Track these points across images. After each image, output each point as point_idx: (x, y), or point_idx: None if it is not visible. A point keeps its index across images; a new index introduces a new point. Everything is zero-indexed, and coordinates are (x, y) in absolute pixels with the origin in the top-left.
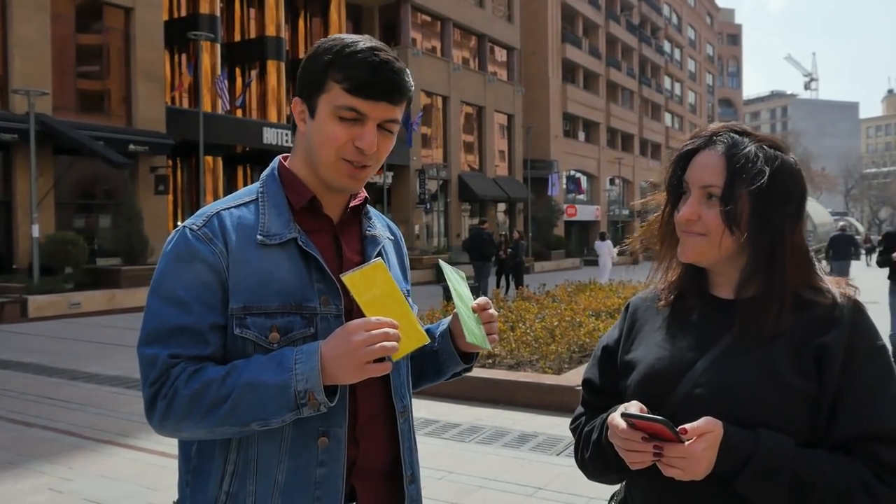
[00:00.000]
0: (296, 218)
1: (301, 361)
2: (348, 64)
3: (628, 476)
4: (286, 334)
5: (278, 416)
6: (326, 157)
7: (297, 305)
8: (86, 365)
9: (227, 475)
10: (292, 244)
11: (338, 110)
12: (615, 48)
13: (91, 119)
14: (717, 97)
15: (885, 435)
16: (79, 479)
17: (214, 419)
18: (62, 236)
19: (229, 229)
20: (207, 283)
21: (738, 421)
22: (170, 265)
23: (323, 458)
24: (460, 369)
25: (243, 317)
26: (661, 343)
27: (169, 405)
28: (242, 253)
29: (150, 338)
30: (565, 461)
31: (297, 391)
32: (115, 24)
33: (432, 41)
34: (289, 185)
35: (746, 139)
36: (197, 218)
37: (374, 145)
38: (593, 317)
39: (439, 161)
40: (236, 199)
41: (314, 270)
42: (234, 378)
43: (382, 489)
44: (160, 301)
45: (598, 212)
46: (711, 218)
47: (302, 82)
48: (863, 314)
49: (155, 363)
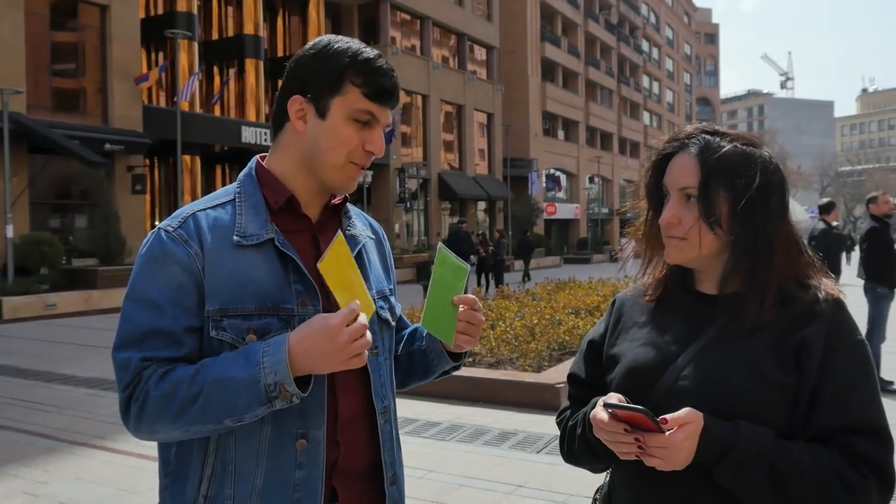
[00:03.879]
0: (273, 218)
1: (268, 354)
2: (368, 69)
3: (613, 467)
4: (263, 336)
5: (250, 410)
6: (335, 160)
7: (274, 307)
8: (62, 367)
9: (204, 478)
10: (269, 245)
11: (355, 113)
12: (594, 47)
13: (66, 118)
14: (695, 96)
15: (862, 427)
16: (54, 482)
17: (187, 418)
18: (37, 237)
19: (205, 230)
20: (182, 285)
21: (720, 412)
22: (144, 267)
23: (301, 460)
24: (449, 367)
25: (220, 319)
26: (646, 337)
27: (141, 408)
28: (218, 254)
29: (124, 342)
30: (545, 459)
31: (267, 384)
32: (91, 21)
33: (412, 40)
34: (266, 184)
35: (719, 138)
36: (172, 219)
37: (383, 148)
38: (573, 315)
39: (419, 160)
40: (213, 199)
41: (292, 271)
42: (203, 375)
43: (364, 490)
44: (134, 304)
45: (577, 210)
46: (691, 219)
47: (309, 81)
48: (843, 310)
49: (128, 367)
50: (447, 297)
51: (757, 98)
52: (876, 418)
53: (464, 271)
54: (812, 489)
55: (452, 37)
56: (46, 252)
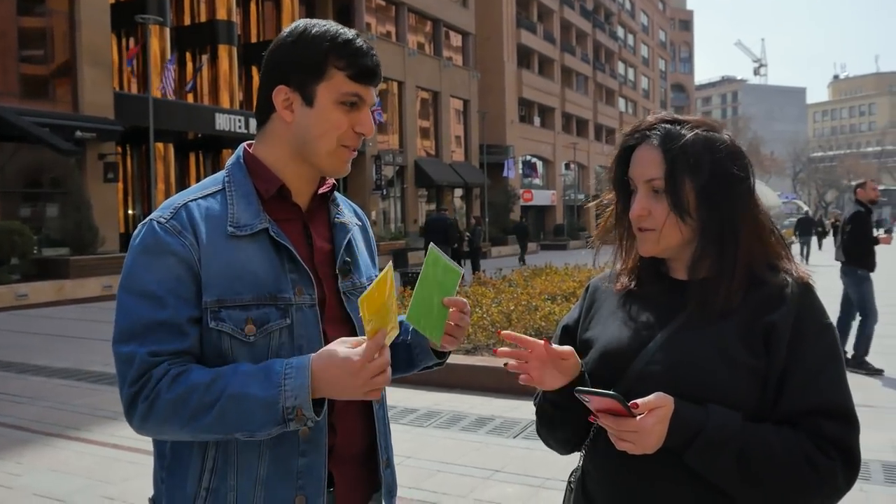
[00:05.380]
0: (265, 207)
1: (291, 377)
2: (350, 51)
3: (585, 451)
4: (262, 326)
5: (264, 429)
6: (328, 146)
7: (271, 297)
8: (34, 357)
9: (206, 471)
10: (263, 234)
11: (342, 97)
12: (570, 33)
13: (35, 105)
14: (670, 82)
15: (828, 410)
16: (28, 473)
17: (198, 426)
18: (7, 226)
19: (198, 221)
20: (180, 276)
21: (690, 396)
22: (139, 259)
23: (304, 447)
24: (432, 363)
25: (217, 310)
26: (618, 322)
27: (150, 408)
28: (213, 245)
29: (125, 335)
30: (522, 443)
31: (286, 407)
32: (60, 6)
33: (387, 26)
34: (256, 173)
35: (679, 127)
36: (164, 210)
37: (373, 128)
38: (549, 301)
39: (395, 147)
40: (203, 189)
41: (286, 260)
42: (220, 386)
43: (359, 475)
44: (132, 297)
45: (553, 196)
46: (661, 211)
47: (291, 70)
48: (811, 294)
49: (132, 361)
50: (437, 297)
51: (731, 84)
52: (843, 401)
53: (457, 274)
54: (780, 471)
55: (428, 23)
56: (17, 242)
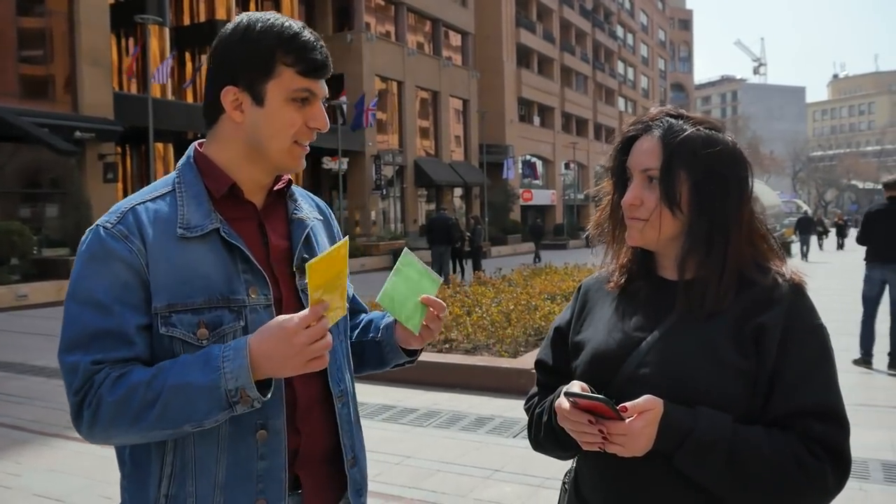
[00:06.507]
0: (217, 207)
1: (229, 359)
2: (298, 46)
3: (578, 454)
4: (215, 329)
5: (210, 416)
6: (282, 145)
7: (224, 299)
8: (33, 358)
9: (164, 477)
10: (214, 235)
11: (292, 94)
12: (569, 33)
13: (34, 105)
14: (670, 82)
15: (818, 411)
16: (27, 473)
17: (144, 424)
18: (7, 226)
19: (146, 224)
20: (127, 283)
21: (680, 399)
22: (85, 266)
23: (263, 451)
24: (403, 361)
25: (168, 315)
26: (609, 324)
27: (95, 413)
28: (162, 249)
29: (70, 344)
30: (521, 443)
31: (228, 390)
32: (59, 6)
33: (386, 25)
34: (206, 173)
35: (682, 122)
36: (111, 215)
37: (327, 122)
38: (549, 300)
39: (395, 147)
40: (152, 191)
41: (239, 261)
42: (161, 380)
43: (326, 474)
44: (78, 305)
45: (553, 196)
46: (652, 200)
47: (239, 69)
48: (802, 295)
49: (77, 371)
50: (414, 292)
51: (730, 84)
52: (833, 402)
53: (435, 283)
54: (770, 473)
55: (427, 22)
56: (16, 242)
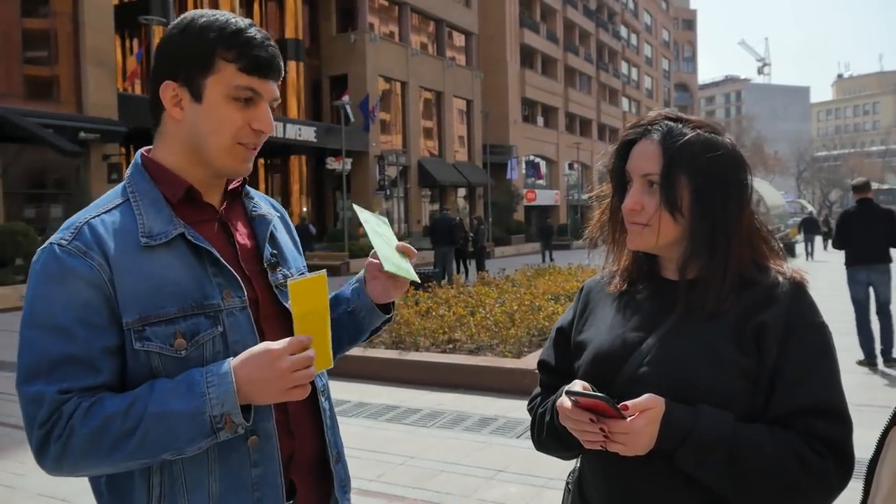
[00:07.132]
0: (176, 212)
1: (213, 384)
2: (240, 41)
3: (581, 454)
4: (193, 338)
5: (193, 444)
6: (221, 143)
7: (198, 305)
8: None
9: (153, 499)
10: (179, 240)
11: (233, 91)
12: (573, 33)
13: (39, 106)
14: (673, 82)
15: (820, 409)
16: (31, 473)
17: (119, 455)
18: (11, 227)
19: (104, 237)
20: (89, 302)
21: (682, 398)
22: (41, 288)
23: (256, 457)
24: (380, 322)
25: (142, 329)
26: (611, 324)
27: (65, 447)
28: (126, 261)
29: (30, 373)
30: (525, 443)
31: (213, 416)
32: (63, 7)
33: (390, 26)
34: (159, 178)
35: (681, 125)
36: (64, 231)
37: (272, 125)
38: (552, 300)
39: (399, 147)
40: (105, 204)
41: (209, 264)
42: (139, 408)
43: (315, 476)
44: (36, 330)
45: (557, 196)
46: (653, 205)
47: (178, 64)
48: (803, 293)
49: (41, 401)
50: (391, 246)
51: (734, 84)
52: (835, 400)
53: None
54: (772, 471)
55: (431, 23)
56: (21, 243)
